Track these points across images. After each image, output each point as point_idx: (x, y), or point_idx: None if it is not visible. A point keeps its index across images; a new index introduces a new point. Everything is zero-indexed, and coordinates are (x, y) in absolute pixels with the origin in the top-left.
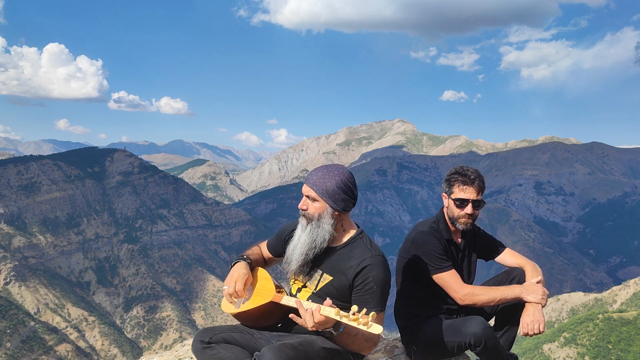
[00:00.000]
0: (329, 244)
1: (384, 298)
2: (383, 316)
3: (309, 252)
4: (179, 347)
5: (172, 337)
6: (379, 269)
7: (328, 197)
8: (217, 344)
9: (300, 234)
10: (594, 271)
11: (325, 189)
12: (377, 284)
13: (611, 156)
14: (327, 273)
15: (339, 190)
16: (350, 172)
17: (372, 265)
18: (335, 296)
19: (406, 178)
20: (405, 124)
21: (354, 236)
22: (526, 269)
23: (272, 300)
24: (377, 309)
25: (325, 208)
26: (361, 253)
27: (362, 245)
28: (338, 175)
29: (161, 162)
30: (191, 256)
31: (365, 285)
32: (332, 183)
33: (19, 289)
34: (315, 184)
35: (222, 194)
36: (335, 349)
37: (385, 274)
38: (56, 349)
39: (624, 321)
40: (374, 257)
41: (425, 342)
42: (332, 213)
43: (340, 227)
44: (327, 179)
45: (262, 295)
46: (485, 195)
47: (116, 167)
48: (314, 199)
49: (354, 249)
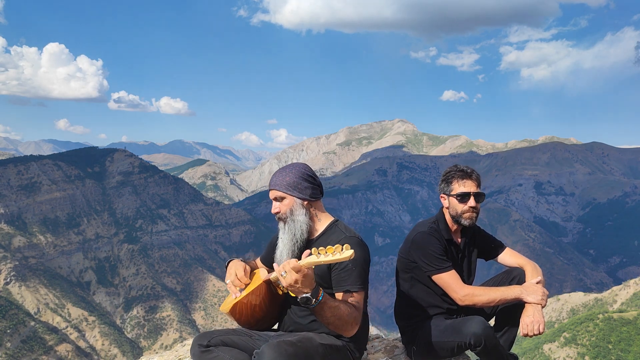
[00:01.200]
0: (308, 236)
1: (362, 276)
2: (364, 295)
3: (294, 248)
4: (179, 347)
5: (172, 337)
6: (353, 247)
7: (293, 190)
8: (215, 347)
9: (282, 236)
10: (594, 271)
11: (287, 184)
12: (353, 261)
13: (611, 156)
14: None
15: (300, 180)
16: (305, 164)
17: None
18: (319, 283)
19: (406, 178)
20: (405, 124)
21: (329, 225)
22: (526, 269)
23: (264, 280)
24: (354, 286)
25: (294, 201)
26: (337, 237)
27: (337, 231)
28: (294, 168)
29: (161, 162)
30: (191, 256)
31: (341, 264)
32: (291, 176)
33: (19, 289)
34: (276, 184)
35: (222, 194)
36: (334, 344)
37: (361, 251)
38: (56, 349)
39: (624, 321)
40: (348, 237)
41: (425, 342)
42: (302, 203)
43: (315, 217)
44: (285, 175)
45: (255, 283)
46: (486, 196)
47: (116, 167)
48: (282, 198)
49: (330, 235)
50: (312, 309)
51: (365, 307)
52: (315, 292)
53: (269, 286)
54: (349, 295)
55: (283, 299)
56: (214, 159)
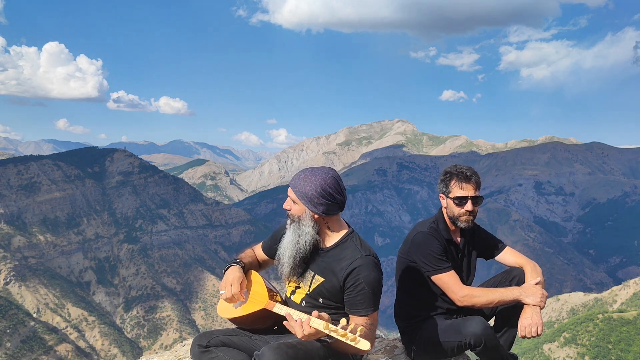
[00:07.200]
0: (319, 245)
1: (376, 298)
2: (377, 315)
3: (296, 254)
4: (179, 347)
5: (172, 337)
6: (370, 270)
7: (306, 201)
8: (215, 348)
9: (287, 233)
10: (594, 271)
11: (303, 193)
12: (368, 285)
13: (611, 156)
14: (319, 274)
15: (318, 195)
16: (335, 177)
17: (362, 265)
18: (327, 297)
19: (406, 178)
20: (405, 124)
21: (344, 237)
22: (526, 269)
23: (265, 308)
24: (369, 310)
25: (304, 211)
26: (351, 254)
27: (352, 246)
28: (318, 181)
29: (161, 162)
30: (191, 256)
31: (357, 287)
32: (311, 187)
33: (19, 289)
34: (295, 186)
35: (222, 194)
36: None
37: (376, 274)
38: (56, 349)
39: (624, 321)
40: (364, 257)
41: (425, 342)
42: (311, 216)
43: (325, 230)
44: (307, 183)
45: (254, 302)
46: (485, 195)
47: (116, 167)
48: (295, 201)
49: (344, 249)
50: (326, 344)
51: None
52: (330, 336)
53: (268, 310)
54: (364, 319)
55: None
56: (213, 159)
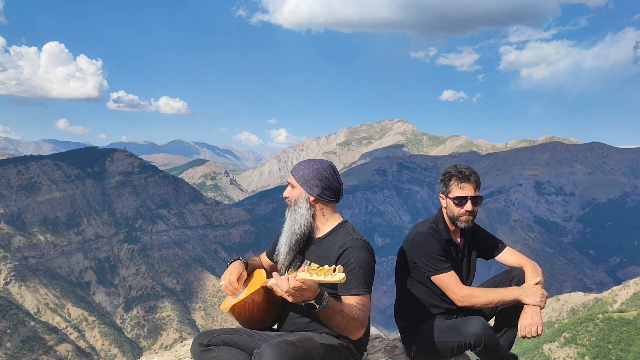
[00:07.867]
0: (313, 234)
1: (368, 279)
2: (370, 298)
3: (292, 239)
4: (179, 347)
5: (172, 337)
6: (360, 250)
7: (303, 183)
8: (216, 347)
9: (285, 224)
10: (594, 271)
11: (301, 175)
12: (359, 264)
13: (611, 156)
14: (314, 262)
15: (313, 177)
16: (332, 166)
17: (353, 247)
18: (324, 284)
19: (406, 178)
20: (405, 124)
21: (337, 225)
22: (526, 269)
23: (262, 286)
24: (360, 289)
25: (301, 193)
26: (343, 238)
27: (344, 232)
28: (316, 164)
29: (161, 162)
30: (191, 256)
31: (348, 267)
32: (308, 170)
33: (19, 289)
34: (294, 171)
35: (222, 194)
36: (334, 344)
37: (367, 255)
38: (56, 349)
39: (624, 321)
40: (355, 240)
41: (425, 342)
42: (307, 198)
43: (321, 217)
44: (305, 167)
45: (254, 286)
46: (486, 195)
47: (116, 167)
48: (293, 185)
49: (336, 236)
50: (317, 313)
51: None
52: (319, 297)
53: (267, 290)
54: (355, 299)
55: (282, 302)
56: (213, 159)
